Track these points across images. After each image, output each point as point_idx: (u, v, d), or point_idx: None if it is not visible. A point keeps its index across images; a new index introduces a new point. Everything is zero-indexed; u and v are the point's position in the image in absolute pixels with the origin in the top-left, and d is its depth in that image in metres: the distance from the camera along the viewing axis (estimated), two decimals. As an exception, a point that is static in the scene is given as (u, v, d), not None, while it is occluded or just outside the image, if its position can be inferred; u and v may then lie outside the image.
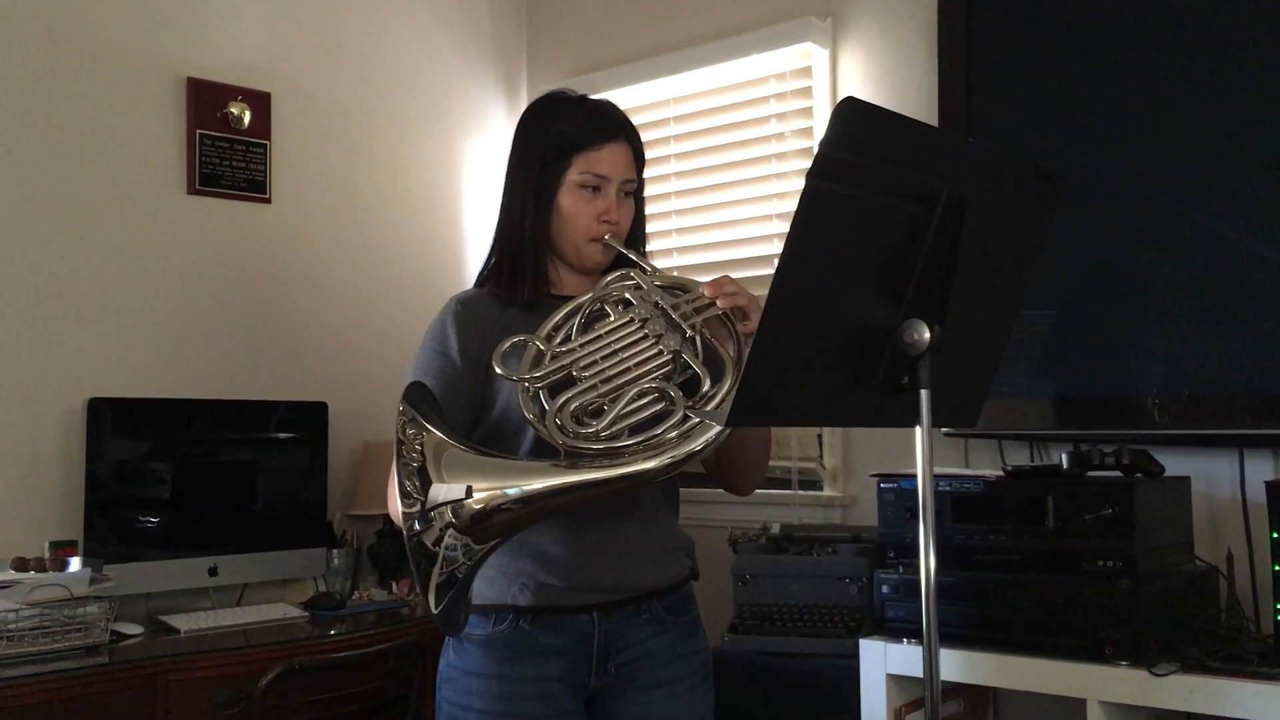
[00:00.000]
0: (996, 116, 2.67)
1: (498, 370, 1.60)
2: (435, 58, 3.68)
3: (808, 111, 3.14)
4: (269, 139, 3.22)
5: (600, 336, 1.61)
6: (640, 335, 1.60)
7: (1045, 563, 2.12)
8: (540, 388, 1.57)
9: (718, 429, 1.49)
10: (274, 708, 2.48)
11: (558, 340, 1.62)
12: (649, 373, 1.57)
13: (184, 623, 2.73)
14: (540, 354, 1.60)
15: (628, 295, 1.65)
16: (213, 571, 2.93)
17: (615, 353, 1.59)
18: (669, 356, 1.58)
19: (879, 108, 1.28)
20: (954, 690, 2.35)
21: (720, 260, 3.28)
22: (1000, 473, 2.31)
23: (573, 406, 1.54)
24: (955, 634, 2.14)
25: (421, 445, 1.47)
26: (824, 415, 1.66)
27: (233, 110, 3.13)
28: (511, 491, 1.47)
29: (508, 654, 1.66)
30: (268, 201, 3.22)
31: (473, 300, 1.75)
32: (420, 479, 1.45)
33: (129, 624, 2.66)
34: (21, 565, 2.51)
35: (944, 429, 2.56)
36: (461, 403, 1.68)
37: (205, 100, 3.09)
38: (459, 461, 1.47)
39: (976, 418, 1.54)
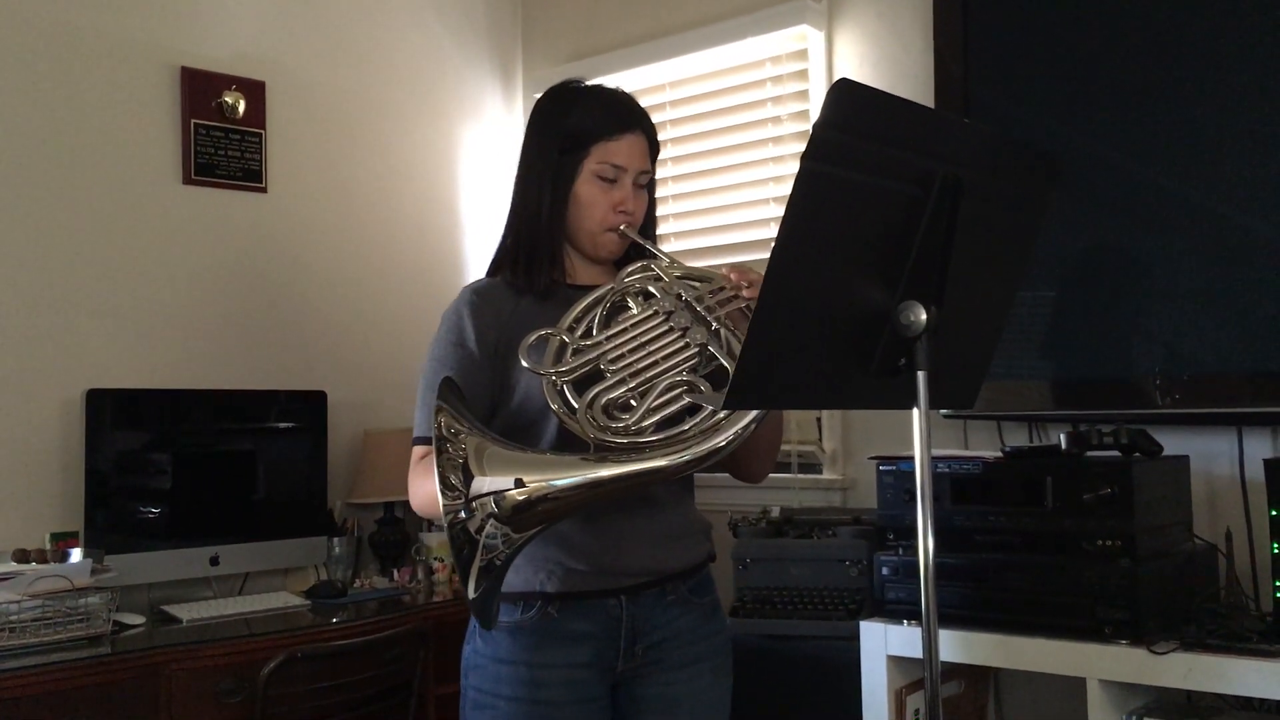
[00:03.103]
0: (993, 98, 2.66)
1: (524, 364, 1.59)
2: (430, 45, 3.67)
3: (804, 94, 3.13)
4: (264, 128, 3.21)
5: (625, 330, 1.61)
6: (666, 328, 1.60)
7: (1044, 543, 2.12)
8: (566, 382, 1.57)
9: (743, 422, 1.49)
10: (276, 696, 2.49)
11: (580, 333, 1.62)
12: (676, 366, 1.57)
13: (186, 612, 2.74)
14: (564, 347, 1.60)
15: (650, 287, 1.65)
16: (214, 561, 2.94)
17: (642, 345, 1.59)
18: (696, 349, 1.57)
19: (873, 89, 1.28)
20: (954, 671, 2.36)
21: (716, 244, 3.28)
22: (999, 454, 2.31)
23: (603, 401, 1.54)
24: (955, 615, 2.15)
25: (464, 443, 1.49)
26: (822, 398, 1.65)
27: (227, 100, 3.12)
28: (558, 483, 1.49)
29: (536, 641, 1.66)
30: (263, 191, 3.21)
31: (487, 290, 1.75)
32: (464, 474, 1.47)
33: (131, 614, 2.67)
34: (23, 557, 2.51)
35: (942, 411, 2.58)
36: (480, 394, 1.68)
37: (199, 89, 3.08)
38: (500, 458, 1.50)
39: (974, 399, 1.54)
